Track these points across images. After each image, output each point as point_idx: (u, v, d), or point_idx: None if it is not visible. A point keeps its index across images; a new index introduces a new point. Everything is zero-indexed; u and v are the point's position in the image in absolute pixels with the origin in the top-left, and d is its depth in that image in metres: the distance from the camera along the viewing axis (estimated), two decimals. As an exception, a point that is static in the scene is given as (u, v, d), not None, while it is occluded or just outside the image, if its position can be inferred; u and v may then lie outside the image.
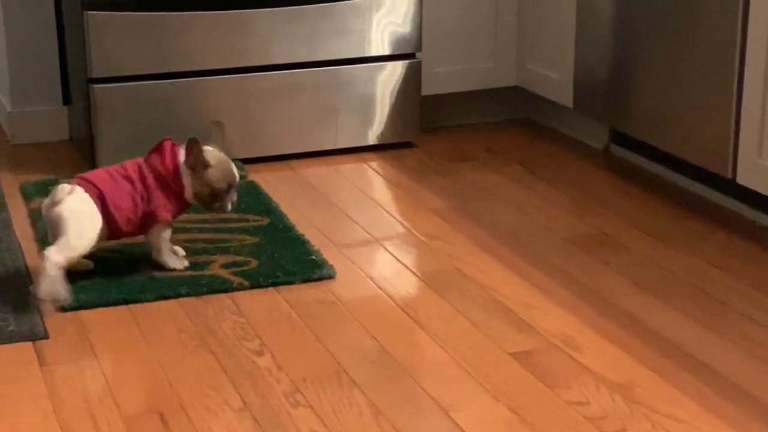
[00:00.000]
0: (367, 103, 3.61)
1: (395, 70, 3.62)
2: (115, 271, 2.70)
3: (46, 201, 2.59)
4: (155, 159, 2.70)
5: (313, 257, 2.77)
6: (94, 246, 2.60)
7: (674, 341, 2.39)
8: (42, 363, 2.32)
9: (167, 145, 2.71)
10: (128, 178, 2.66)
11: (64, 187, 2.58)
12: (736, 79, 2.88)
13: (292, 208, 3.13)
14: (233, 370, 2.28)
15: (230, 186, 2.70)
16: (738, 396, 2.18)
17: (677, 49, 3.09)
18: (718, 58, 2.94)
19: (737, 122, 2.90)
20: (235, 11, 3.41)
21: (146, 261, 2.74)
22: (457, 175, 3.43)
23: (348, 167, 3.51)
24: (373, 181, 3.43)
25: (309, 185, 3.35)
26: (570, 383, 2.23)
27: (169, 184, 2.68)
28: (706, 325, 2.46)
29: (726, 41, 2.90)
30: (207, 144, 2.72)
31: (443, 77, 3.77)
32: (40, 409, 2.14)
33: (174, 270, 2.69)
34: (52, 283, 2.50)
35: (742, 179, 2.92)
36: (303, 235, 2.91)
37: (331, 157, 3.58)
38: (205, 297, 2.60)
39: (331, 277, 2.69)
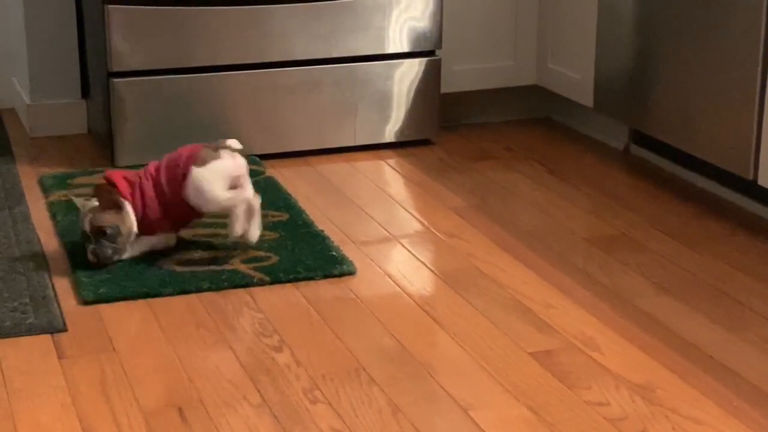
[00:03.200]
0: (385, 100, 3.60)
1: (415, 68, 3.61)
2: (135, 265, 2.69)
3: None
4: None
5: (333, 253, 2.76)
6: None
7: (694, 342, 2.38)
8: (60, 356, 2.32)
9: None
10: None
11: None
12: (758, 80, 2.87)
13: (311, 204, 3.13)
14: (252, 365, 2.28)
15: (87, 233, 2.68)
16: (759, 398, 2.17)
17: (699, 49, 3.08)
18: (740, 58, 2.92)
19: (759, 123, 2.89)
20: (254, 7, 3.41)
21: (168, 255, 2.74)
22: (476, 174, 3.43)
23: (366, 164, 3.51)
24: (392, 178, 3.42)
25: (327, 182, 3.35)
26: (590, 384, 2.22)
27: None
28: (727, 327, 2.45)
29: (749, 41, 2.88)
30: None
31: (463, 75, 3.76)
32: (59, 401, 2.14)
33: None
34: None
35: (763, 181, 2.90)
36: (323, 231, 2.90)
37: (349, 153, 3.57)
38: (223, 292, 2.60)
39: (351, 273, 2.68)
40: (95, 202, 2.68)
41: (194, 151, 2.71)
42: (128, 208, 2.68)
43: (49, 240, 2.88)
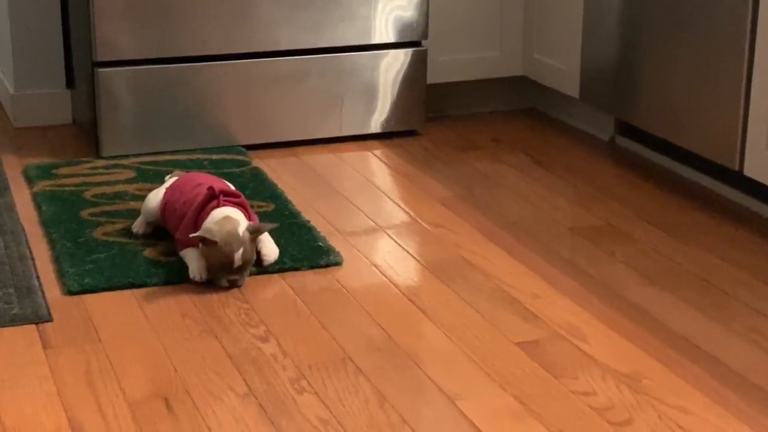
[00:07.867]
0: (372, 91, 3.60)
1: (401, 58, 3.60)
2: (120, 255, 2.68)
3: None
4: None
5: (320, 244, 2.76)
6: None
7: (681, 332, 2.38)
8: (46, 346, 2.31)
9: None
10: None
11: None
12: (745, 71, 2.87)
13: (297, 195, 3.12)
14: (238, 356, 2.27)
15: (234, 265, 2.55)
16: (745, 388, 2.17)
17: (685, 39, 3.08)
18: (727, 49, 2.92)
19: (745, 114, 2.89)
20: (240, -4, 3.40)
21: (153, 246, 2.73)
22: (462, 165, 3.42)
23: (352, 155, 3.50)
24: (378, 169, 3.41)
25: (313, 172, 3.34)
26: (576, 373, 2.22)
27: None
28: (713, 317, 2.46)
29: (735, 32, 2.88)
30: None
31: (449, 66, 3.76)
32: (44, 391, 2.13)
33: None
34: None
35: (749, 171, 2.91)
36: (309, 221, 2.90)
37: (335, 144, 3.57)
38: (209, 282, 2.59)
39: (338, 263, 2.68)
40: (240, 231, 2.51)
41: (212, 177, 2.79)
42: None
43: (33, 230, 2.86)
